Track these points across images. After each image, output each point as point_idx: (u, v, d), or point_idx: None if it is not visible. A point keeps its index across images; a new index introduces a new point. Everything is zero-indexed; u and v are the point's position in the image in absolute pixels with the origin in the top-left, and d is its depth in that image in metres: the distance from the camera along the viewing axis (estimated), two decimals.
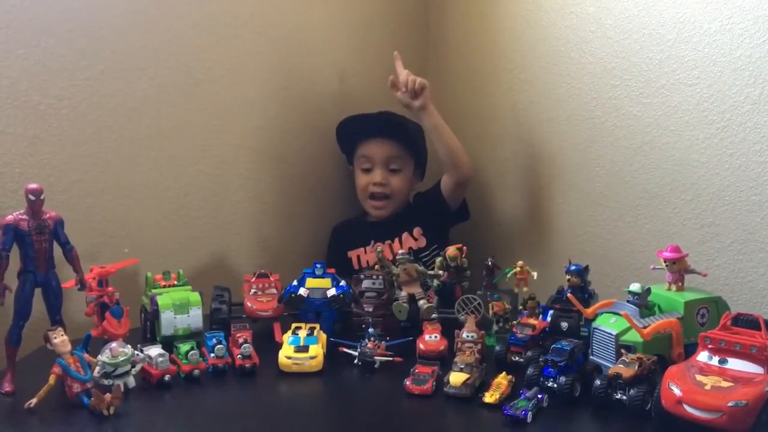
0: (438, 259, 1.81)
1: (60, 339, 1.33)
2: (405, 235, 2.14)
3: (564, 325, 1.51)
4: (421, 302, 1.70)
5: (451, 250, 1.78)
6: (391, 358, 1.52)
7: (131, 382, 1.39)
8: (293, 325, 1.60)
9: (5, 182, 1.71)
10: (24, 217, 1.40)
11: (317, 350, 1.52)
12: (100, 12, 1.81)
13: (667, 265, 1.53)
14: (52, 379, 1.31)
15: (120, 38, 1.84)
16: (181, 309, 1.58)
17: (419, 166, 2.24)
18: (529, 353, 1.46)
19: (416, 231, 2.14)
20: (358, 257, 2.16)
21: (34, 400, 1.29)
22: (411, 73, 2.04)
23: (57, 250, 1.45)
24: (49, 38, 1.74)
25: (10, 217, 1.40)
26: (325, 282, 1.71)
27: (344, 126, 2.20)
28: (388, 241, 2.05)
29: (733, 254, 1.65)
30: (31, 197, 1.40)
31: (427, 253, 2.11)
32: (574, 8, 1.93)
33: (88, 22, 1.79)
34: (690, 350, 1.35)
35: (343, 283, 1.72)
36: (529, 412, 1.24)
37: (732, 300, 1.58)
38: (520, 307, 1.66)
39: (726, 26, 1.62)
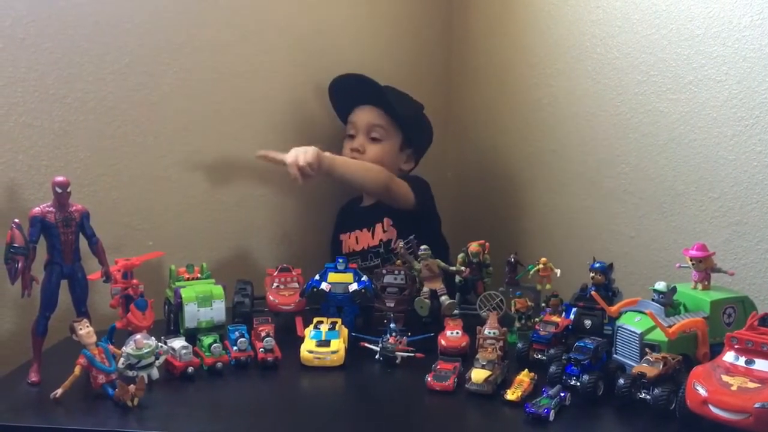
0: (460, 255, 1.80)
1: (85, 330, 1.35)
2: (378, 226, 2.02)
3: (587, 323, 1.50)
4: (443, 298, 1.70)
5: (473, 246, 1.77)
6: (412, 354, 1.52)
7: (155, 373, 1.40)
8: (315, 320, 1.61)
9: (32, 175, 1.73)
10: (51, 209, 1.42)
11: (339, 345, 1.52)
12: (126, 6, 1.82)
13: (693, 264, 1.51)
14: (77, 370, 1.32)
15: (145, 32, 1.85)
16: (204, 302, 1.60)
17: (408, 146, 2.11)
18: (551, 351, 1.45)
19: (386, 221, 2.03)
20: (344, 242, 2.10)
21: (59, 391, 1.31)
22: (292, 155, 1.81)
23: (83, 243, 1.46)
24: (76, 32, 1.75)
25: (37, 210, 1.41)
26: (347, 277, 1.71)
27: (336, 91, 2.11)
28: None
29: (760, 253, 1.63)
30: (58, 190, 1.41)
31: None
32: (601, 3, 1.91)
33: (114, 17, 1.80)
34: (716, 350, 1.34)
35: (365, 278, 1.72)
36: (552, 411, 1.24)
37: (759, 300, 1.55)
38: (543, 305, 1.64)
39: (756, 21, 1.59)
